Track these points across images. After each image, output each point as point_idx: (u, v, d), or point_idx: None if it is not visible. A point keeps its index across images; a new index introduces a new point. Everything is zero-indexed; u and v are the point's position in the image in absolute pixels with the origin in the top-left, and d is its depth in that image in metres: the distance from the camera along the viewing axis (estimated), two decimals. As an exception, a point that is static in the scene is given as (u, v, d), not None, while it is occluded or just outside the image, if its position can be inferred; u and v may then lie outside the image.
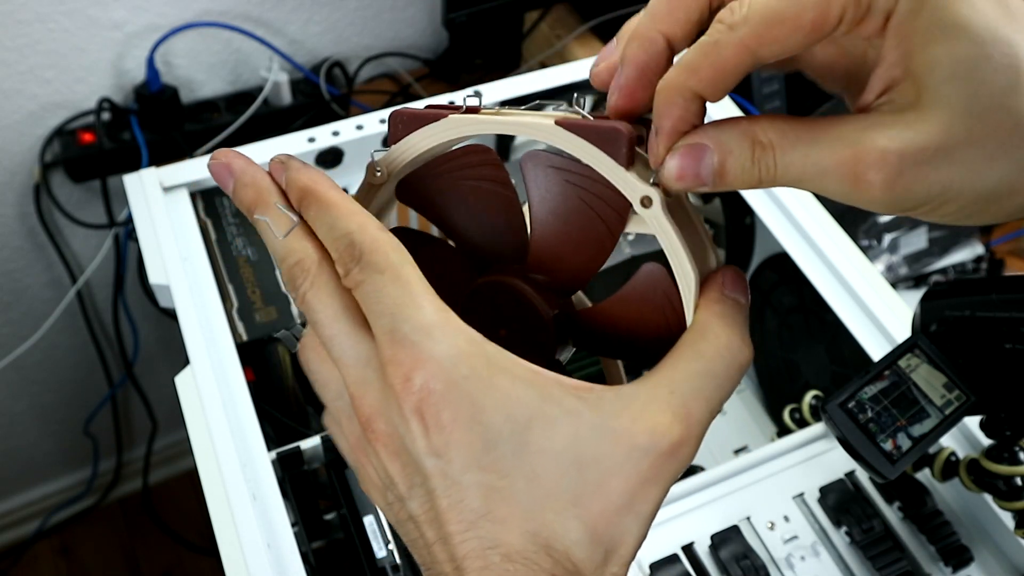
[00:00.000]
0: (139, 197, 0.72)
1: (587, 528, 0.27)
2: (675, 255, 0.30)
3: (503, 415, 0.26)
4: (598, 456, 0.27)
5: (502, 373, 0.27)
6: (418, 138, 0.31)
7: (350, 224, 0.28)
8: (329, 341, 0.29)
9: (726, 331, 0.29)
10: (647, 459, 0.27)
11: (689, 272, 0.30)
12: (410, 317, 0.27)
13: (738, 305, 0.30)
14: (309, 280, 0.29)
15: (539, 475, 0.26)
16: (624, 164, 0.29)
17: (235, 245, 0.73)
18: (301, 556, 0.55)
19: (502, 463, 0.26)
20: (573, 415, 0.27)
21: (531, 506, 0.26)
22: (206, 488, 0.57)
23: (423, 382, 0.26)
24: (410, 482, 0.27)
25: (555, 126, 0.29)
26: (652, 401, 0.28)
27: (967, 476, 0.58)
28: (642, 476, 0.27)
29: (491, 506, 0.26)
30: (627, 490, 0.27)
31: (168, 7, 0.96)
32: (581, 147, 0.29)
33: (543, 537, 0.26)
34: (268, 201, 0.30)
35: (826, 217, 0.75)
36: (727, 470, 0.63)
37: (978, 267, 1.05)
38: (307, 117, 1.04)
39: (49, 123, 0.99)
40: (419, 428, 0.26)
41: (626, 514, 0.27)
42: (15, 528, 1.47)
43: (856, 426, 0.50)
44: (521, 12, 1.11)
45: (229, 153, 0.32)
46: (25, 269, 1.12)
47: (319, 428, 0.72)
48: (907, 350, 0.52)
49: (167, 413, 1.33)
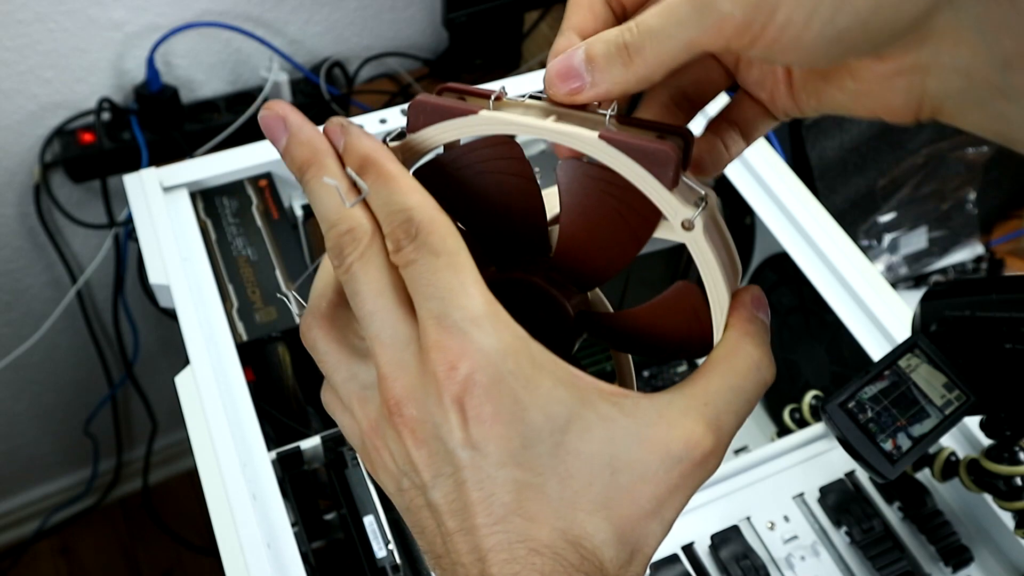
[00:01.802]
0: (139, 197, 0.72)
1: (615, 530, 0.27)
2: (711, 276, 0.30)
3: (543, 415, 0.26)
4: (631, 461, 0.27)
5: (545, 373, 0.27)
6: (439, 130, 0.30)
7: (410, 200, 0.27)
8: (369, 316, 0.28)
9: (757, 350, 0.30)
10: (679, 467, 0.27)
11: (723, 292, 0.30)
12: (462, 305, 0.26)
13: (765, 326, 0.31)
14: (360, 251, 0.28)
15: (572, 475, 0.27)
16: (669, 186, 0.28)
17: (235, 245, 0.73)
18: (301, 556, 0.55)
19: (538, 461, 0.26)
20: (609, 420, 0.27)
21: (562, 505, 0.27)
22: (206, 488, 0.57)
23: (468, 372, 0.26)
24: (437, 471, 0.27)
25: (599, 140, 0.28)
26: (688, 411, 0.28)
27: (967, 476, 0.58)
28: (672, 483, 0.27)
29: (523, 502, 0.26)
30: (657, 496, 0.27)
31: (168, 7, 0.96)
32: (625, 164, 0.28)
33: (573, 535, 0.27)
34: (324, 163, 0.29)
35: (826, 217, 0.75)
36: (727, 470, 0.63)
37: (978, 267, 1.05)
38: (307, 117, 1.03)
39: (49, 123, 0.99)
40: (458, 419, 0.26)
41: (653, 519, 0.27)
42: (15, 528, 1.47)
43: (856, 426, 0.50)
44: (521, 12, 1.11)
45: (285, 106, 0.31)
46: (25, 269, 1.12)
47: (319, 428, 0.72)
48: (907, 350, 0.52)
49: (167, 413, 1.34)
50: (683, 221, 0.29)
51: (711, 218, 0.30)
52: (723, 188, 0.81)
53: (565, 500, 0.27)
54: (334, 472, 0.64)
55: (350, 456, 0.64)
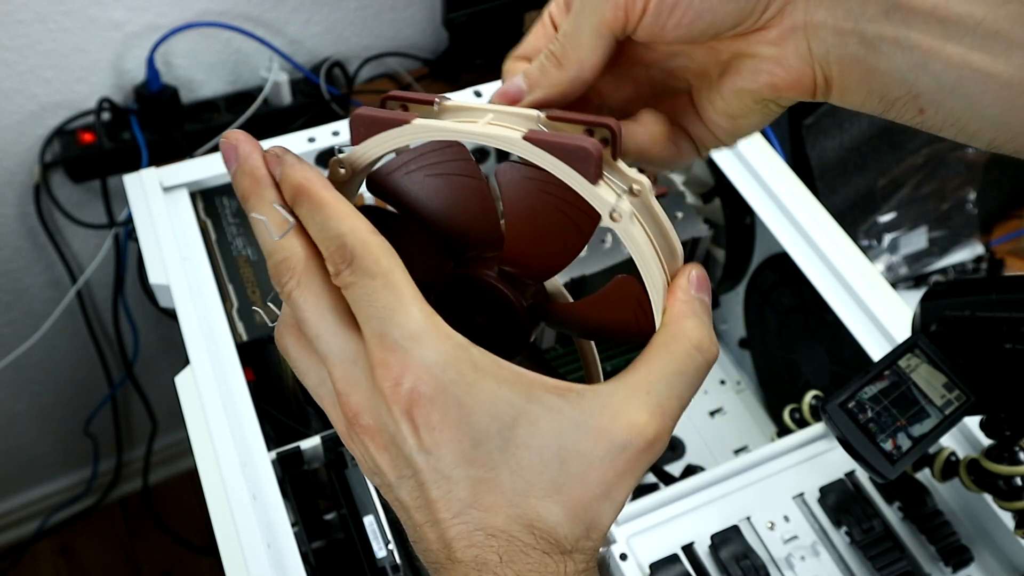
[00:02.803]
0: (139, 197, 0.72)
1: (567, 511, 0.29)
2: (643, 263, 0.31)
3: (489, 415, 0.28)
4: (578, 451, 0.29)
5: (487, 376, 0.28)
6: (376, 143, 0.32)
7: (342, 226, 0.28)
8: (315, 339, 0.29)
9: (696, 331, 0.31)
10: (624, 454, 0.29)
11: (657, 278, 0.31)
12: (400, 323, 0.27)
13: (704, 304, 0.32)
14: (296, 279, 0.29)
15: (524, 467, 0.29)
16: (592, 180, 0.29)
17: (235, 245, 0.73)
18: (301, 556, 0.55)
19: (489, 458, 0.28)
20: (555, 412, 0.29)
21: (515, 494, 0.28)
22: (206, 488, 0.57)
23: (412, 386, 0.27)
24: (399, 473, 0.29)
25: (523, 140, 0.29)
26: (630, 401, 0.29)
27: (967, 476, 0.58)
28: (619, 469, 0.29)
29: (479, 496, 0.28)
30: (605, 481, 0.29)
31: (168, 7, 0.96)
32: (550, 162, 0.29)
33: (527, 519, 0.29)
34: (262, 195, 0.31)
35: (826, 217, 0.75)
36: (727, 470, 0.63)
37: (978, 267, 1.05)
38: (307, 117, 1.04)
39: (49, 123, 0.99)
40: (409, 428, 0.28)
41: (603, 501, 0.29)
42: (15, 528, 1.47)
43: (856, 426, 0.50)
44: (521, 12, 1.11)
45: (240, 135, 0.32)
46: (25, 269, 1.12)
47: (319, 428, 0.72)
48: (907, 350, 0.52)
49: (167, 413, 1.34)
50: (610, 212, 0.30)
51: (644, 205, 0.31)
52: (723, 188, 0.81)
53: (518, 490, 0.28)
54: (334, 472, 0.64)
55: (350, 456, 0.64)
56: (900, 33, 0.28)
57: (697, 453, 0.83)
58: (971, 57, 0.27)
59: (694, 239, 0.79)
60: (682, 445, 0.84)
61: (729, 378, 0.89)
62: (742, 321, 0.88)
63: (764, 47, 0.31)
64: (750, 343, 0.88)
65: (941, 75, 0.28)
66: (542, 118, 0.31)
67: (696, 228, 0.79)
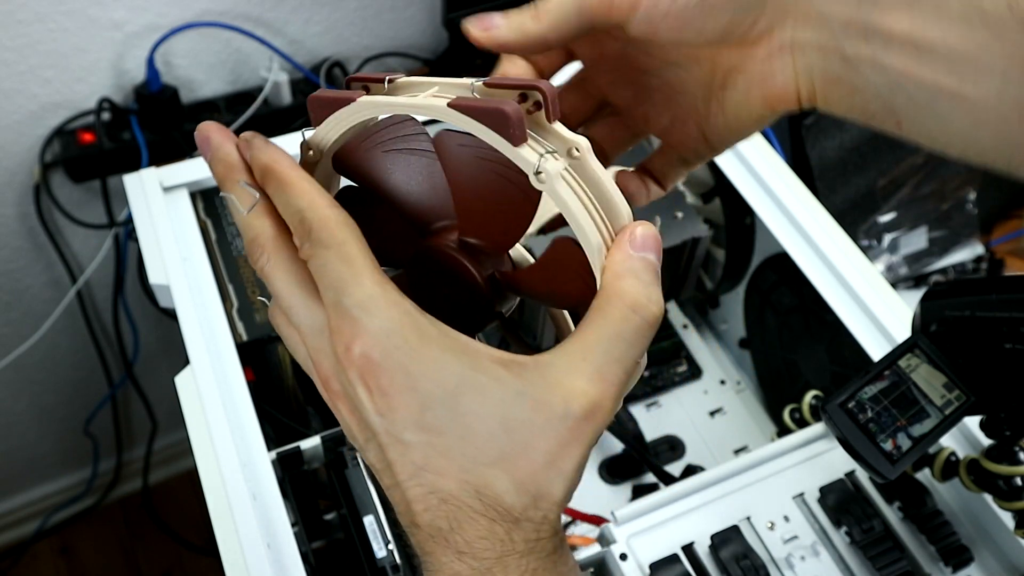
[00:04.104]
0: (139, 197, 0.72)
1: (513, 480, 0.29)
2: (575, 223, 0.31)
3: (432, 382, 0.29)
4: (522, 421, 0.29)
5: (431, 344, 0.29)
6: (329, 123, 0.33)
7: (301, 201, 0.30)
8: (288, 311, 0.32)
9: (631, 291, 0.30)
10: (565, 424, 0.29)
11: (591, 239, 0.31)
12: (351, 292, 0.29)
13: (646, 262, 0.31)
14: (266, 256, 0.31)
15: (472, 434, 0.29)
16: (515, 142, 0.29)
17: (235, 245, 0.73)
18: (301, 556, 0.55)
19: (438, 423, 0.29)
20: (500, 382, 0.29)
21: (465, 460, 0.29)
22: (206, 488, 0.57)
23: (361, 351, 0.29)
24: (366, 437, 0.31)
25: (448, 108, 0.30)
26: (567, 369, 0.30)
27: (967, 476, 0.58)
28: (562, 439, 0.29)
29: (430, 459, 0.29)
30: (549, 450, 0.29)
31: (168, 7, 0.96)
32: (476, 127, 0.30)
33: (475, 485, 0.29)
34: (234, 178, 0.32)
35: (826, 217, 0.75)
36: (727, 470, 0.63)
37: (978, 267, 1.05)
38: (307, 117, 1.03)
39: (49, 123, 0.99)
40: (364, 392, 0.29)
41: (550, 470, 0.29)
42: (15, 528, 1.47)
43: (856, 426, 0.50)
44: (521, 12, 1.11)
45: (211, 127, 0.34)
46: (25, 269, 1.12)
47: (319, 428, 0.72)
48: (907, 350, 0.52)
49: (167, 413, 1.34)
50: (535, 172, 0.30)
51: (581, 164, 0.31)
52: (723, 188, 0.81)
53: (468, 456, 0.29)
54: (334, 472, 0.64)
55: (350, 456, 0.64)
56: (878, 55, 0.30)
57: (697, 453, 0.83)
58: (942, 80, 0.29)
59: (694, 239, 0.79)
60: (682, 445, 0.84)
61: (729, 378, 0.89)
62: (742, 321, 0.88)
63: (755, 63, 0.34)
64: (750, 343, 0.88)
65: (915, 95, 0.30)
66: (477, 86, 0.32)
67: (696, 228, 0.79)
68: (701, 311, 0.95)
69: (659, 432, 0.84)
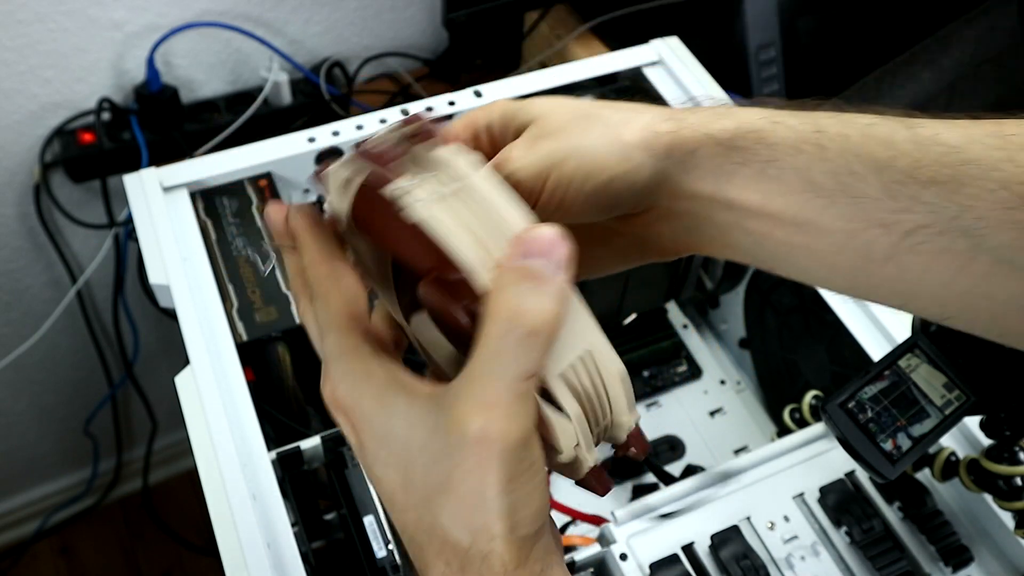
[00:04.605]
0: (139, 197, 0.72)
1: (452, 514, 0.29)
2: (444, 245, 0.30)
3: (379, 421, 0.31)
4: (440, 452, 0.29)
5: (376, 384, 0.32)
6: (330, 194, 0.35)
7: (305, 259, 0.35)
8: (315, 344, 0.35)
9: (506, 304, 0.29)
10: (461, 451, 0.28)
11: (471, 258, 0.30)
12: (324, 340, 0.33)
13: (523, 270, 0.29)
14: (301, 306, 0.36)
15: (413, 467, 0.30)
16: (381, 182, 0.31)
17: (235, 245, 0.73)
18: (301, 556, 0.55)
19: (392, 459, 0.31)
20: (426, 414, 0.30)
21: (415, 496, 0.30)
22: (206, 488, 0.57)
23: (332, 392, 0.32)
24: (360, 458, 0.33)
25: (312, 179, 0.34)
26: (457, 395, 0.29)
27: (967, 476, 0.58)
28: (468, 467, 0.28)
29: (395, 495, 0.31)
30: (465, 480, 0.29)
31: (168, 7, 0.96)
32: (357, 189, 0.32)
33: (426, 523, 0.30)
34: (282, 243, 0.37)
35: (826, 217, 0.75)
36: (727, 470, 0.63)
37: (978, 267, 1.05)
38: (307, 117, 1.04)
39: (49, 123, 0.99)
40: (346, 427, 0.32)
41: (474, 499, 0.29)
42: (15, 528, 1.47)
43: (856, 426, 0.50)
44: (521, 12, 1.11)
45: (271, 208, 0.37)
46: (25, 269, 1.12)
47: (319, 428, 0.72)
48: (907, 350, 0.52)
49: (167, 413, 1.33)
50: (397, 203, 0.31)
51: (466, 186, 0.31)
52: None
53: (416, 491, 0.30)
54: (334, 472, 0.64)
55: (350, 456, 0.64)
56: (740, 221, 0.36)
57: (697, 453, 0.83)
58: (794, 238, 0.34)
59: (694, 239, 0.79)
60: (682, 445, 0.84)
61: (729, 378, 0.89)
62: (742, 321, 0.88)
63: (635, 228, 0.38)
64: (750, 343, 0.88)
65: (776, 250, 0.36)
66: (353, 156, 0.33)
67: (696, 228, 0.79)
68: (701, 311, 0.95)
69: (659, 432, 0.84)
